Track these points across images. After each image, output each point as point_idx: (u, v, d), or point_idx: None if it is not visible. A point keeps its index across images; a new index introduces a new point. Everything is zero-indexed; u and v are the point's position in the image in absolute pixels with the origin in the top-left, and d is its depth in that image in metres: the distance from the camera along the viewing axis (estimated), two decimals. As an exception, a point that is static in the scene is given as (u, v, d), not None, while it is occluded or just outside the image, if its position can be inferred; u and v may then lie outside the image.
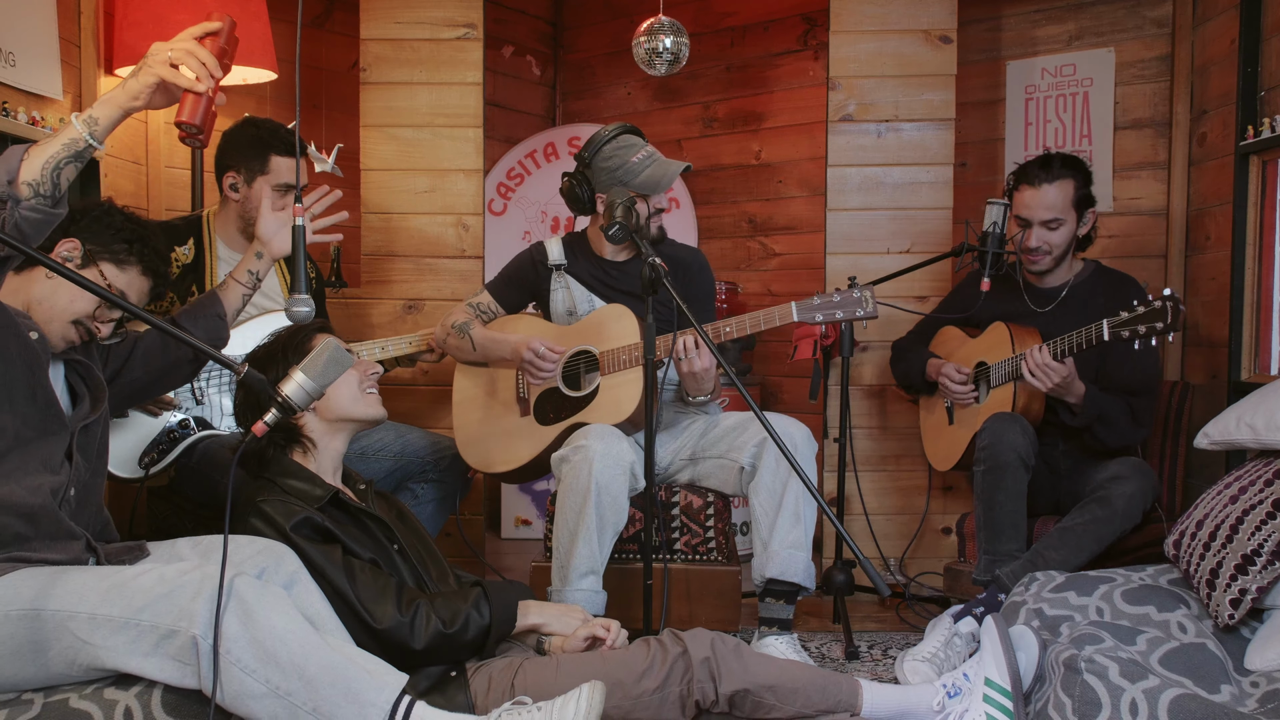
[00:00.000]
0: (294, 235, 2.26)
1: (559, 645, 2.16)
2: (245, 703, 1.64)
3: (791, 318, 2.60)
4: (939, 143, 3.40)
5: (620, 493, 2.55)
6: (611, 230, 2.44)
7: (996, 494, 2.72)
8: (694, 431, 2.85)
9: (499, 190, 4.45)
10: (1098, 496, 2.64)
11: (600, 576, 2.58)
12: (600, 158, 2.79)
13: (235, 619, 1.63)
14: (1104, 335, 2.55)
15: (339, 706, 1.65)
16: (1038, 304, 2.98)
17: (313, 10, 4.00)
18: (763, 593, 2.64)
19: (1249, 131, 2.95)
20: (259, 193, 2.73)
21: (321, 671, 1.66)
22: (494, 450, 2.86)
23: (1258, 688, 1.85)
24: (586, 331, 2.81)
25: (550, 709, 1.74)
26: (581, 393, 2.78)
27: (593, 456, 2.52)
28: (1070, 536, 2.62)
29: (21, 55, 2.69)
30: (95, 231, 2.04)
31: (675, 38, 3.72)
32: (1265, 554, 1.98)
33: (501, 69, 4.64)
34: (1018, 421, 2.74)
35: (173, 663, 1.63)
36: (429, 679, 1.94)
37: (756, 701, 1.94)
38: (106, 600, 1.64)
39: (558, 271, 2.91)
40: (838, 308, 2.57)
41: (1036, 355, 2.69)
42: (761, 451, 2.65)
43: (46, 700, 1.66)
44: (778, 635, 2.61)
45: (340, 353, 1.87)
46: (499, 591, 2.07)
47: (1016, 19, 3.74)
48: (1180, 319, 2.47)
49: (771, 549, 2.60)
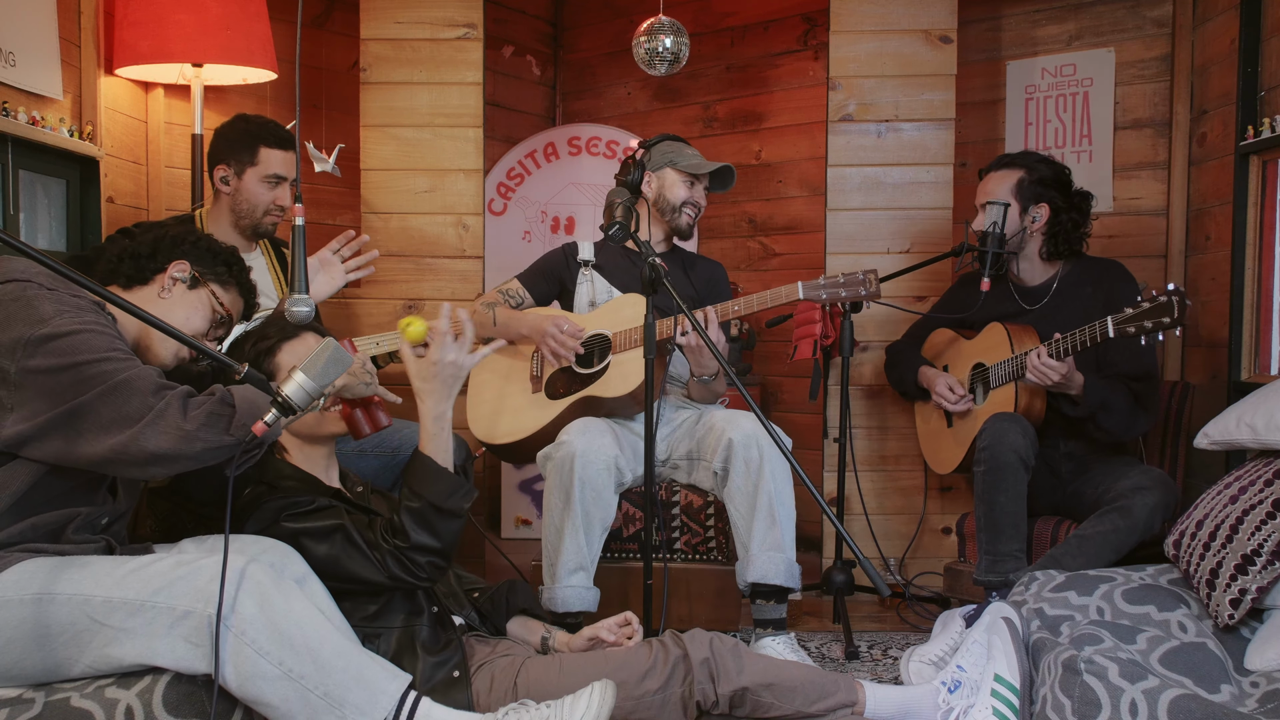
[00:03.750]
0: (294, 234, 2.27)
1: (563, 644, 2.16)
2: (257, 684, 1.64)
3: (797, 295, 2.70)
4: (939, 143, 3.40)
5: (605, 488, 2.56)
6: (611, 230, 2.45)
7: (996, 494, 2.72)
8: (686, 425, 2.86)
9: (499, 190, 4.45)
10: (1119, 506, 2.61)
11: (590, 573, 2.59)
12: (660, 145, 3.04)
13: (252, 600, 1.65)
14: (1109, 332, 2.55)
15: (350, 691, 1.67)
16: (1028, 302, 2.99)
17: (313, 10, 3.99)
18: (751, 595, 2.65)
19: (1249, 131, 2.95)
20: (249, 185, 2.77)
21: (335, 657, 1.68)
22: (501, 422, 2.90)
23: (1258, 688, 1.85)
24: (602, 318, 2.89)
25: (560, 708, 1.74)
26: (592, 370, 2.81)
27: (574, 453, 2.54)
28: (1089, 545, 2.60)
29: (21, 55, 2.69)
30: (199, 255, 2.05)
31: (675, 38, 3.72)
32: (1265, 554, 1.98)
33: (501, 69, 4.64)
34: (1018, 422, 2.74)
35: (185, 644, 1.64)
36: (429, 681, 1.94)
37: (756, 701, 1.95)
38: (123, 584, 1.66)
39: (585, 266, 3.01)
40: (842, 287, 2.69)
41: (1036, 361, 2.69)
42: (730, 455, 2.65)
43: (48, 699, 1.66)
44: (774, 636, 2.62)
45: (340, 353, 1.87)
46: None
47: (1016, 19, 3.74)
48: (1186, 313, 2.46)
49: (751, 552, 2.61)
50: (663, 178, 2.99)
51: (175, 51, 3.08)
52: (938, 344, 3.19)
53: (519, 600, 2.26)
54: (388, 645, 1.99)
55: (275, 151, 2.78)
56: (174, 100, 3.44)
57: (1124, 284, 2.88)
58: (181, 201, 3.41)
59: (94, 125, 3.02)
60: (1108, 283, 2.90)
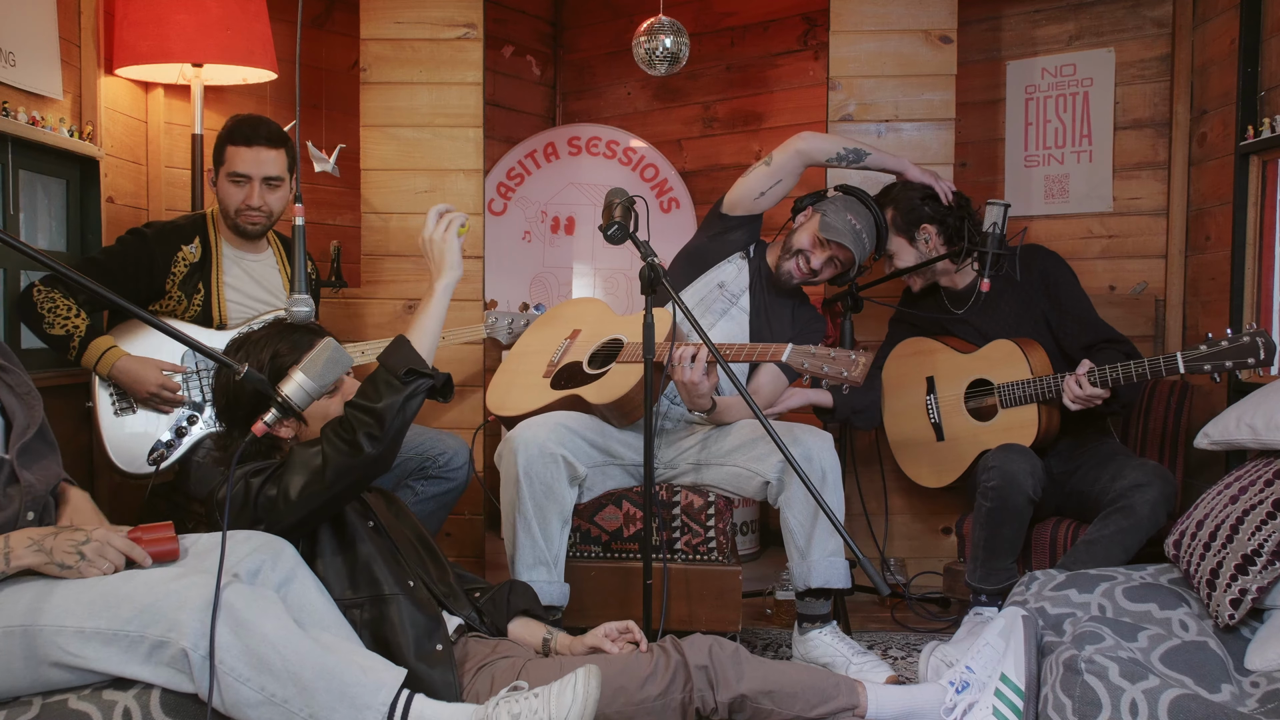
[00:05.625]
0: (294, 234, 2.27)
1: (564, 647, 2.16)
2: (243, 711, 1.64)
3: (782, 357, 2.53)
4: (939, 143, 3.40)
5: (554, 480, 2.56)
6: (610, 230, 2.45)
7: (1002, 529, 2.71)
8: (703, 437, 2.85)
9: (499, 190, 4.45)
10: (1120, 506, 2.60)
11: (553, 568, 2.59)
12: (840, 199, 2.93)
13: (227, 629, 1.63)
14: (1178, 368, 2.51)
15: (335, 711, 1.65)
16: (956, 305, 3.04)
17: (313, 10, 3.99)
18: (802, 593, 2.69)
19: (1249, 131, 2.95)
20: (222, 185, 2.79)
21: (316, 677, 1.65)
22: (510, 396, 2.93)
23: (1258, 688, 1.85)
24: (633, 323, 2.88)
25: (547, 694, 1.74)
26: (596, 371, 2.82)
27: (517, 447, 2.56)
28: (1098, 549, 2.58)
29: (21, 55, 2.69)
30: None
31: (675, 38, 3.73)
32: (1265, 554, 1.98)
33: (501, 69, 4.64)
34: (1027, 460, 2.69)
35: (167, 669, 1.64)
36: (417, 654, 1.92)
37: (755, 708, 1.94)
38: (93, 613, 1.63)
39: (744, 254, 3.01)
40: (827, 363, 2.47)
41: (1078, 390, 2.66)
42: (789, 466, 2.65)
43: (45, 701, 1.66)
44: (820, 629, 2.68)
45: (340, 353, 1.87)
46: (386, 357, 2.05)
47: (1016, 19, 3.74)
48: (1275, 355, 2.41)
49: (812, 559, 2.65)
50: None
51: (175, 51, 3.09)
52: (922, 352, 3.13)
53: (520, 601, 2.25)
54: (365, 621, 1.96)
55: (239, 149, 2.74)
56: (174, 100, 3.44)
57: (1058, 269, 2.95)
58: (182, 202, 3.41)
59: (94, 125, 3.02)
60: (1037, 269, 2.95)
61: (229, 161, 2.76)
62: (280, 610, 1.71)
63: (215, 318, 2.78)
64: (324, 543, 2.02)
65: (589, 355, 2.88)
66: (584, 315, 3.06)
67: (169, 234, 2.77)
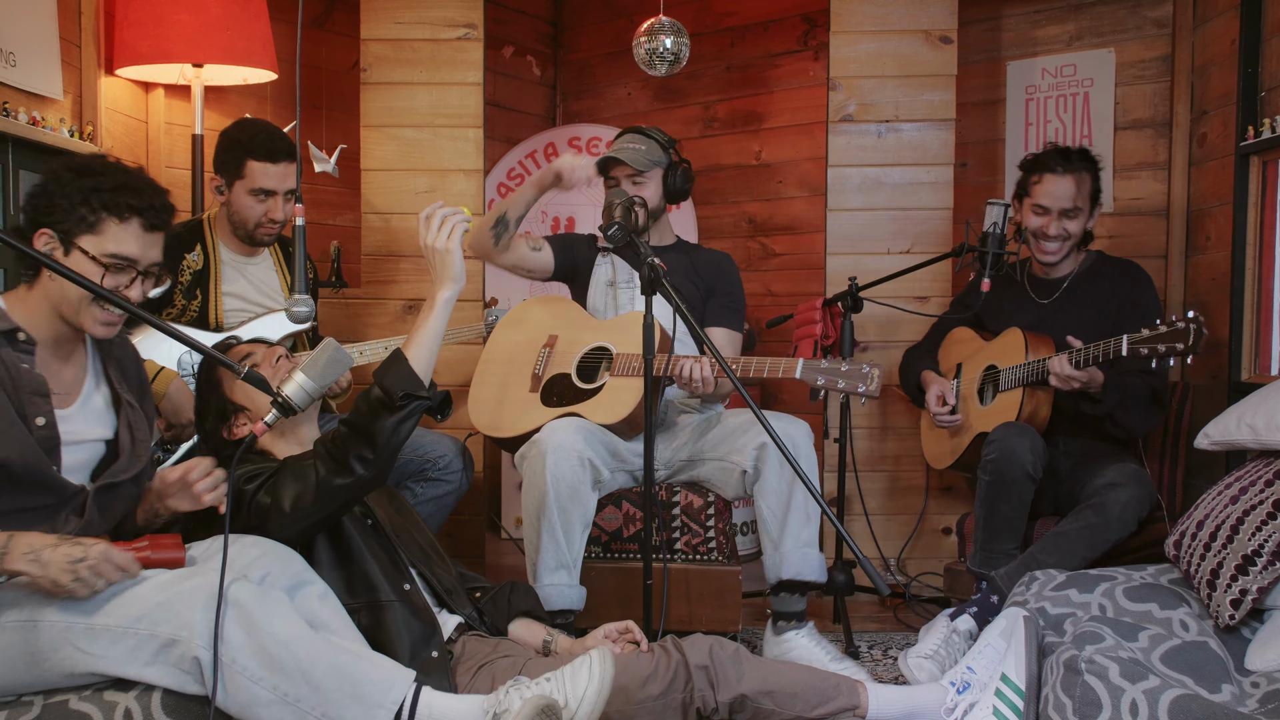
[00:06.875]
0: (294, 233, 2.27)
1: (565, 648, 2.16)
2: (254, 710, 1.64)
3: (794, 373, 2.54)
4: (939, 143, 3.40)
5: (579, 484, 2.56)
6: (610, 230, 2.44)
7: (999, 504, 2.72)
8: (694, 430, 2.85)
9: (499, 190, 4.45)
10: (1092, 503, 2.63)
11: (572, 571, 2.59)
12: None
13: (238, 627, 1.63)
14: (1122, 351, 2.55)
15: (346, 709, 1.65)
16: (1041, 295, 2.99)
17: (313, 10, 3.99)
18: (775, 588, 2.66)
19: (1249, 132, 2.95)
20: (238, 198, 2.74)
21: (327, 675, 1.66)
22: (503, 416, 2.87)
23: (1258, 688, 1.85)
24: (613, 329, 2.85)
25: (560, 677, 1.74)
26: (588, 386, 2.79)
27: (545, 451, 2.54)
28: (1063, 542, 2.62)
29: (21, 55, 2.69)
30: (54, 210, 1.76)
31: (675, 38, 3.72)
32: (1266, 554, 1.98)
33: (502, 69, 4.64)
34: (1027, 435, 2.71)
35: (174, 670, 1.63)
36: (413, 660, 1.92)
37: (756, 708, 1.94)
38: (104, 610, 1.63)
39: (604, 253, 2.99)
40: (841, 377, 2.48)
41: (1059, 368, 2.68)
42: (764, 454, 2.65)
43: (46, 702, 1.66)
44: (797, 629, 2.64)
45: (341, 353, 1.87)
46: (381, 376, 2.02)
47: (1017, 19, 3.74)
48: (1202, 343, 2.46)
49: (784, 550, 2.63)
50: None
51: (175, 52, 3.08)
52: (955, 342, 3.18)
53: (521, 601, 2.25)
54: (362, 628, 1.96)
55: (264, 165, 2.71)
56: (174, 100, 3.44)
57: (1146, 293, 2.89)
58: (182, 202, 3.39)
59: (94, 125, 3.02)
60: (1128, 284, 2.90)
61: (251, 177, 2.71)
62: (290, 610, 1.71)
63: (212, 321, 2.78)
64: (321, 549, 2.02)
65: (575, 366, 2.83)
66: (555, 318, 2.97)
67: (172, 244, 2.76)
